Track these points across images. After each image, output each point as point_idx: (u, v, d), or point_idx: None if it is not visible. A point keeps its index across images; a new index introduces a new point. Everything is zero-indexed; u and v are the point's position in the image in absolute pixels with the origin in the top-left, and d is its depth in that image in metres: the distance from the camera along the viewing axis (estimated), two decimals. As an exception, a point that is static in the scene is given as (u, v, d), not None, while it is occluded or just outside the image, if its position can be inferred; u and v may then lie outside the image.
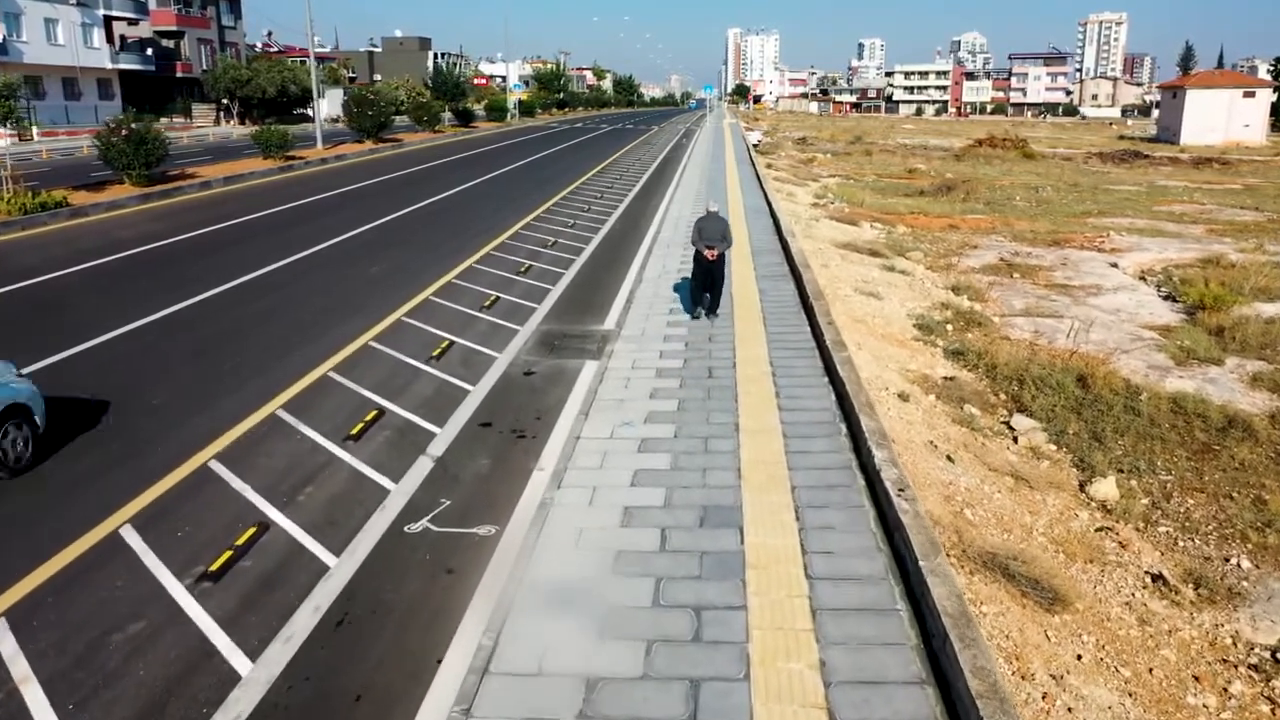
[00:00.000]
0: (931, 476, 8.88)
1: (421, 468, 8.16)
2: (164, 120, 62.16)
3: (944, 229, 30.35)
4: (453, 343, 11.97)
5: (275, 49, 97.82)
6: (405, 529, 7.05)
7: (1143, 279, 24.19)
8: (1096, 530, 9.05)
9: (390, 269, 16.70)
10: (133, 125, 24.50)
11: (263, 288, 15.08)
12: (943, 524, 7.74)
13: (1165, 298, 21.49)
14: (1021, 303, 20.21)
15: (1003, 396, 12.91)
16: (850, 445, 8.23)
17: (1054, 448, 10.95)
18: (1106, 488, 9.73)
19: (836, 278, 18.37)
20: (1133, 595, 7.39)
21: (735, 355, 10.95)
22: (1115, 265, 24.92)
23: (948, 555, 6.71)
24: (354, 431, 8.89)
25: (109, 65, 58.43)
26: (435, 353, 11.46)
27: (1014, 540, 8.19)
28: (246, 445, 8.60)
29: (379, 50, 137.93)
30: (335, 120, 58.73)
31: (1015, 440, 11.17)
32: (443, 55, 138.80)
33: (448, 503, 7.48)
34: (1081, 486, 9.94)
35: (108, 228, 21.25)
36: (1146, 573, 7.92)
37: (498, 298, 14.51)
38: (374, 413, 9.41)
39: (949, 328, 16.30)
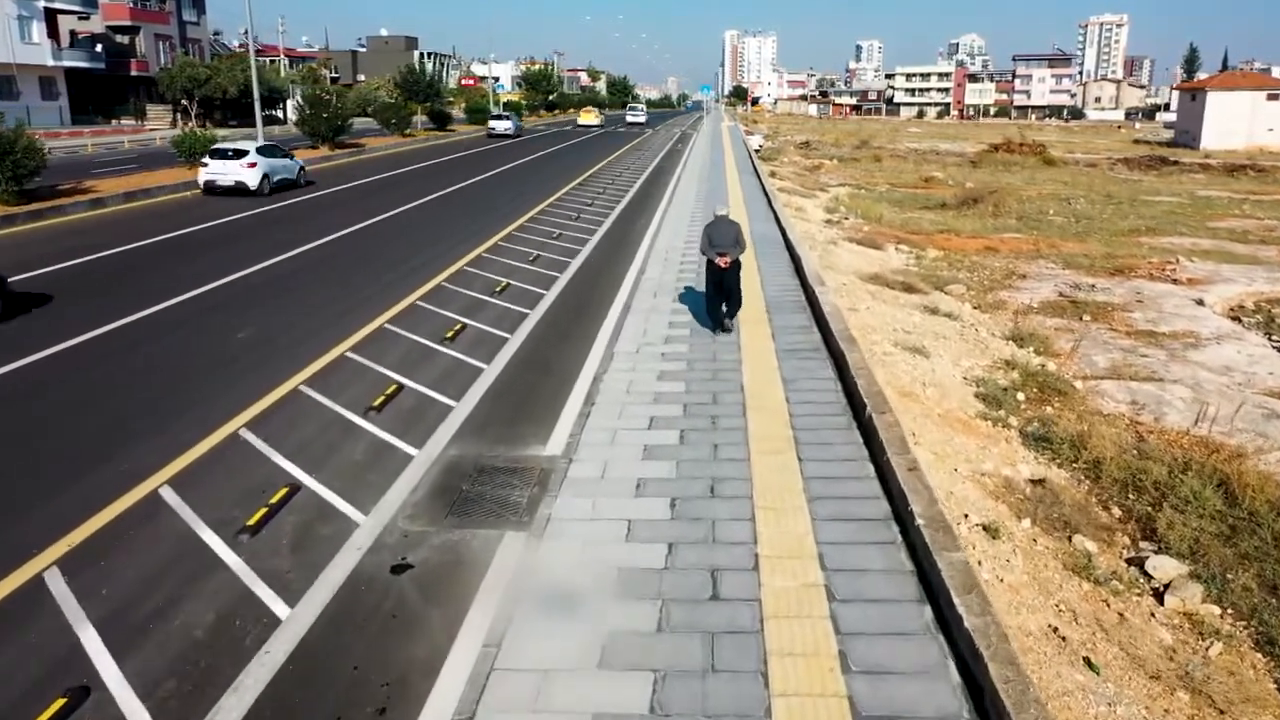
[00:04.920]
0: (1077, 712, 5.14)
1: None
2: (113, 122, 57.61)
3: (980, 252, 26.07)
4: (296, 489, 7.33)
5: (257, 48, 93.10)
6: None
7: (1236, 319, 19.83)
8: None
9: (266, 334, 12.00)
10: (-6, 132, 19.84)
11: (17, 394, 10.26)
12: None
13: (1280, 349, 17.19)
14: (1105, 359, 15.89)
15: (1116, 512, 9.11)
16: None
17: (1217, 610, 7.50)
18: (1333, 707, 5.93)
19: (869, 326, 14.10)
20: None
21: (757, 537, 6.34)
22: (1201, 303, 20.49)
23: None
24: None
25: (51, 62, 53.45)
26: (252, 519, 6.77)
27: None
28: None
29: (364, 50, 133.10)
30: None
31: (1159, 598, 7.54)
32: (431, 55, 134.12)
33: None
34: (1288, 695, 6.19)
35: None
36: None
37: (399, 387, 9.80)
38: (61, 700, 4.81)
39: (1020, 397, 12.39)
